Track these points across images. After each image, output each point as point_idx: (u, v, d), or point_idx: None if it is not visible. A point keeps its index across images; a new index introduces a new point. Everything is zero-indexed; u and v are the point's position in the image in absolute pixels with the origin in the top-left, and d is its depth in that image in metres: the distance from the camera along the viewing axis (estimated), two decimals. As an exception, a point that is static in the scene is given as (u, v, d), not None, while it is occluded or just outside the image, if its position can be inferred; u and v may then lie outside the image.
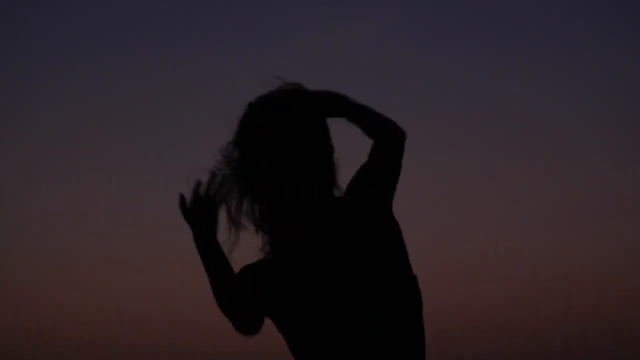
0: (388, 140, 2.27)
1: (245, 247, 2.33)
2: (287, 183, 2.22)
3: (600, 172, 8.43)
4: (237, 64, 8.49)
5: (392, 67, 8.43)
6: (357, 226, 2.22)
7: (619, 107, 8.52)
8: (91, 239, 8.18)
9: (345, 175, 2.31)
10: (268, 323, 2.29)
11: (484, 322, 7.21)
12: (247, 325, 2.29)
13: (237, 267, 2.33)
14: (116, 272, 7.97)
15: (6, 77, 8.61)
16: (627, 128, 8.50)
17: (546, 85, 8.72)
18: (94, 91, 8.57)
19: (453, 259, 7.75)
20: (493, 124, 8.52)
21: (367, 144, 2.31)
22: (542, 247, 8.18)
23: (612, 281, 7.96)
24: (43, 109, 8.52)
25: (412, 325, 2.21)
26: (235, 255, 2.33)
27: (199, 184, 2.30)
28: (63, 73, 8.57)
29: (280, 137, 2.22)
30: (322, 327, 2.18)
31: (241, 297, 2.27)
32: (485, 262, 7.73)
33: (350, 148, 2.38)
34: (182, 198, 2.30)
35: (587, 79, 8.63)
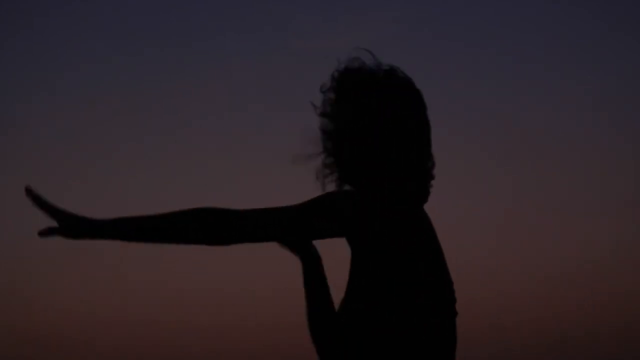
0: None
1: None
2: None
3: (591, 171, 8.45)
4: (239, 65, 8.50)
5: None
6: None
7: (608, 107, 8.54)
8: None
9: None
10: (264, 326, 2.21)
11: (473, 321, 7.23)
12: None
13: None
14: (117, 273, 7.98)
15: (8, 78, 8.61)
16: (617, 129, 8.51)
17: (548, 90, 8.73)
18: (90, 92, 8.59)
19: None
20: (485, 125, 8.53)
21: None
22: (529, 246, 8.19)
23: (600, 280, 7.97)
24: (45, 110, 8.53)
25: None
26: None
27: None
28: (64, 75, 8.57)
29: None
30: None
31: None
32: (474, 261, 7.75)
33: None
34: None
35: (580, 81, 8.64)
